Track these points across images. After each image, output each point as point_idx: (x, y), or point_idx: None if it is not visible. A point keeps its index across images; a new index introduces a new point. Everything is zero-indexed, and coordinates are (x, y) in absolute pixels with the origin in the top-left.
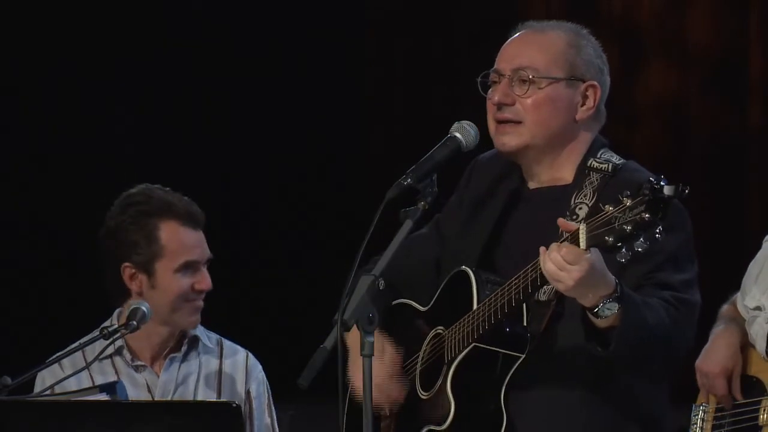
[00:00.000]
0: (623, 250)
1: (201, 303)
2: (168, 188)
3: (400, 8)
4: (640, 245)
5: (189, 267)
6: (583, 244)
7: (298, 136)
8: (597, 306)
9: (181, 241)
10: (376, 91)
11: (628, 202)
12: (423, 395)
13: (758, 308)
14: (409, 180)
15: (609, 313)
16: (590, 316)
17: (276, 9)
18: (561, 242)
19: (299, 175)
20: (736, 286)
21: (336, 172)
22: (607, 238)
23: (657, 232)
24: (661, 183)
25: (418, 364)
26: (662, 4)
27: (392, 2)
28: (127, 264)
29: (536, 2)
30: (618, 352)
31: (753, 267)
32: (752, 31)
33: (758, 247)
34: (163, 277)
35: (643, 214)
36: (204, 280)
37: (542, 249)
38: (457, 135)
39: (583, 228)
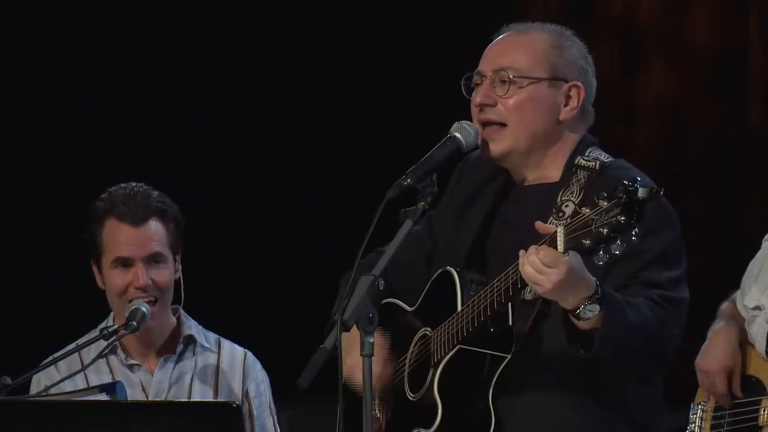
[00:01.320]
0: (600, 252)
1: (149, 301)
2: (135, 185)
3: (400, 8)
4: (617, 248)
5: (123, 264)
6: (561, 247)
7: (297, 135)
8: (578, 308)
9: (115, 237)
10: (376, 91)
11: (604, 205)
12: (411, 397)
13: (758, 308)
14: (409, 180)
15: (590, 315)
16: (572, 318)
17: (276, 9)
18: (540, 245)
19: (299, 174)
20: (735, 285)
21: (336, 172)
22: (584, 240)
23: (633, 235)
24: (636, 185)
25: (406, 366)
26: (662, 4)
27: (392, 2)
28: (92, 261)
29: (535, 2)
30: (601, 353)
31: (753, 266)
32: (752, 31)
33: (758, 246)
34: (105, 273)
35: (619, 216)
36: (137, 278)
37: (521, 252)
38: (457, 135)
39: (561, 231)
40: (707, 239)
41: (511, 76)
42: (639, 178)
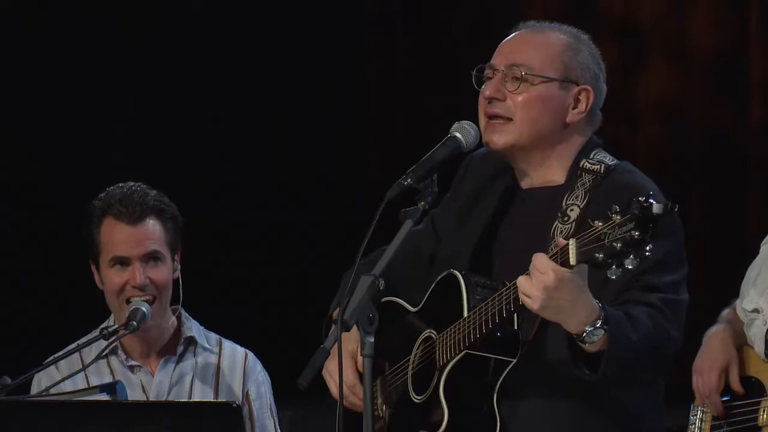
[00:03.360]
0: (613, 266)
1: (147, 299)
2: (133, 184)
3: (400, 8)
4: (630, 262)
5: (120, 262)
6: (573, 259)
7: (298, 136)
8: (582, 333)
9: (112, 236)
10: (376, 91)
11: (618, 219)
12: (416, 399)
13: (756, 310)
14: (409, 180)
15: (595, 339)
16: (577, 342)
17: (276, 9)
18: (551, 257)
19: (299, 175)
20: (735, 285)
21: (336, 172)
22: (597, 254)
23: (647, 250)
24: (650, 201)
25: (410, 367)
26: (662, 4)
27: (392, 2)
28: (90, 261)
29: (535, 2)
30: (607, 374)
31: (751, 270)
32: (752, 31)
33: (757, 248)
34: (103, 273)
35: (633, 232)
36: (134, 277)
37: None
38: (457, 135)
39: (573, 243)
40: (707, 240)
41: (523, 73)
42: (651, 192)
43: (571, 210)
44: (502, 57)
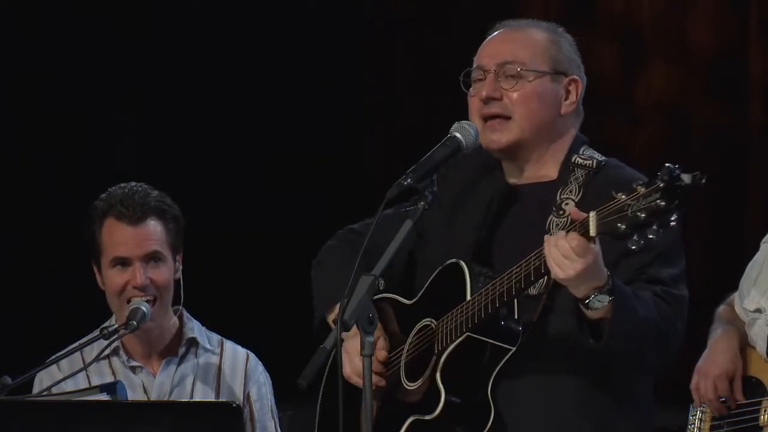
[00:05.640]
0: (635, 237)
1: (148, 300)
2: (134, 185)
3: (400, 8)
4: (653, 232)
5: (121, 263)
6: (593, 230)
7: (298, 136)
8: (588, 297)
9: (113, 236)
10: (376, 92)
11: (642, 190)
12: (409, 386)
13: (758, 310)
14: (409, 180)
15: (599, 305)
16: (581, 307)
17: (276, 9)
18: (569, 229)
19: (299, 175)
20: (735, 286)
21: (336, 172)
22: (619, 225)
23: (672, 220)
24: (678, 171)
25: (403, 356)
26: (662, 4)
27: (392, 2)
28: (92, 261)
29: (535, 2)
30: (610, 343)
31: (751, 269)
32: (752, 31)
33: (757, 248)
34: (104, 273)
35: (659, 201)
36: (135, 277)
37: (547, 237)
38: (457, 135)
39: (593, 215)
40: (707, 239)
41: (518, 69)
42: (675, 167)
43: (566, 204)
44: (490, 57)
